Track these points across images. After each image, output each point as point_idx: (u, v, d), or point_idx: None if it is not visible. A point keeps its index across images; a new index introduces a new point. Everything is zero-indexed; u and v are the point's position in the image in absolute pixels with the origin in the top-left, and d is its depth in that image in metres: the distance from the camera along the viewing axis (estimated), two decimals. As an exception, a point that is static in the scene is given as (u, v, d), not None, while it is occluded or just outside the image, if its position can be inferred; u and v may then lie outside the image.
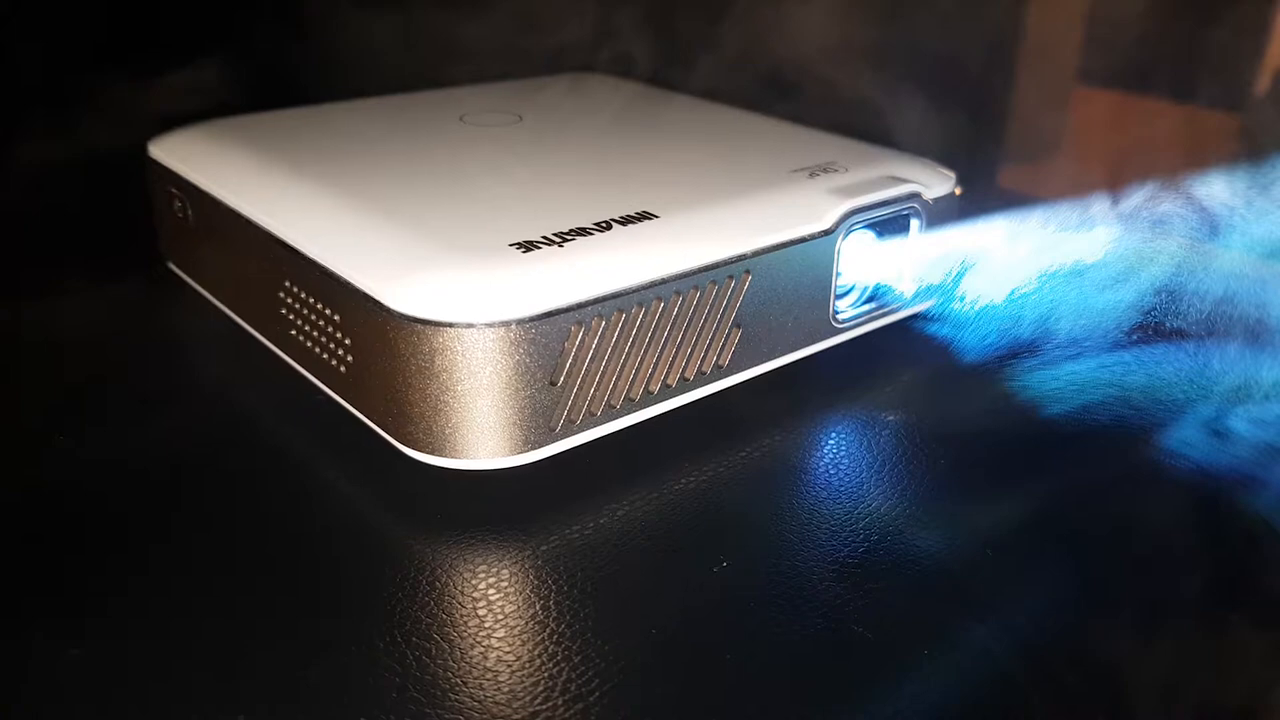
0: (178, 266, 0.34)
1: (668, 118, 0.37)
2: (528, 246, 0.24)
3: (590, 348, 0.24)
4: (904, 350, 0.32)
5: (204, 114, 0.34)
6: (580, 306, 0.24)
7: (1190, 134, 0.42)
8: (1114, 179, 0.32)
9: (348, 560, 0.23)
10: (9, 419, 0.27)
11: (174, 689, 0.19)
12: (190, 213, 0.31)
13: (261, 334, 0.29)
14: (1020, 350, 0.31)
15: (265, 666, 0.20)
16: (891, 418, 0.28)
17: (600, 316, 0.24)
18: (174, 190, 0.32)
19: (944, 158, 0.33)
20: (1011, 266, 0.32)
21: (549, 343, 0.23)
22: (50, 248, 0.38)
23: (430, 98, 0.38)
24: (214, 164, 0.31)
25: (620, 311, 0.24)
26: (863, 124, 0.36)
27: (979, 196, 0.34)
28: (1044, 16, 0.46)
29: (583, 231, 0.25)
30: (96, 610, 0.21)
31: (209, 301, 0.32)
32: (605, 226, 0.26)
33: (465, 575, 0.22)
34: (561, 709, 0.19)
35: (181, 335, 0.33)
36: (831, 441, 0.27)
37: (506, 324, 0.23)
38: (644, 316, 0.25)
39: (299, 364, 0.28)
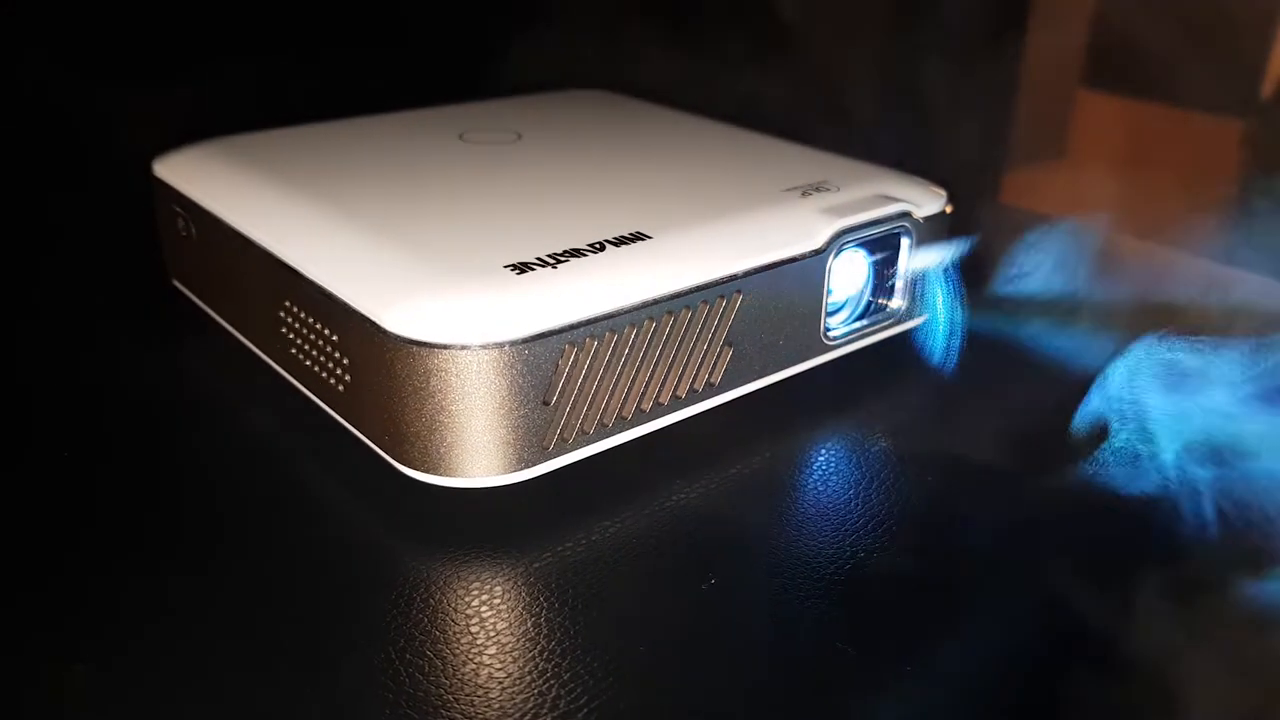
0: (182, 283, 0.34)
1: (665, 135, 0.37)
2: (522, 268, 0.25)
3: (583, 367, 0.24)
4: (894, 366, 0.32)
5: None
6: (573, 328, 0.24)
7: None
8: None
9: (342, 576, 0.23)
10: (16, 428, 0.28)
11: (162, 699, 0.20)
12: (193, 231, 0.32)
13: (263, 351, 0.30)
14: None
15: (259, 680, 0.20)
16: (879, 435, 0.29)
17: (593, 337, 0.24)
18: (178, 209, 0.32)
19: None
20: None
21: (542, 363, 0.24)
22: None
23: (432, 115, 0.38)
24: (216, 183, 0.31)
25: (612, 332, 0.25)
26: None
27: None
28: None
29: (577, 253, 0.26)
30: (92, 615, 0.22)
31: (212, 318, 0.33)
32: (599, 247, 0.26)
33: (459, 592, 0.23)
34: (550, 725, 0.19)
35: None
36: (820, 459, 0.28)
37: (500, 345, 0.23)
38: (636, 336, 0.25)
39: (299, 381, 0.28)
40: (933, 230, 0.32)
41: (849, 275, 0.30)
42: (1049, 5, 0.47)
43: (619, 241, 0.27)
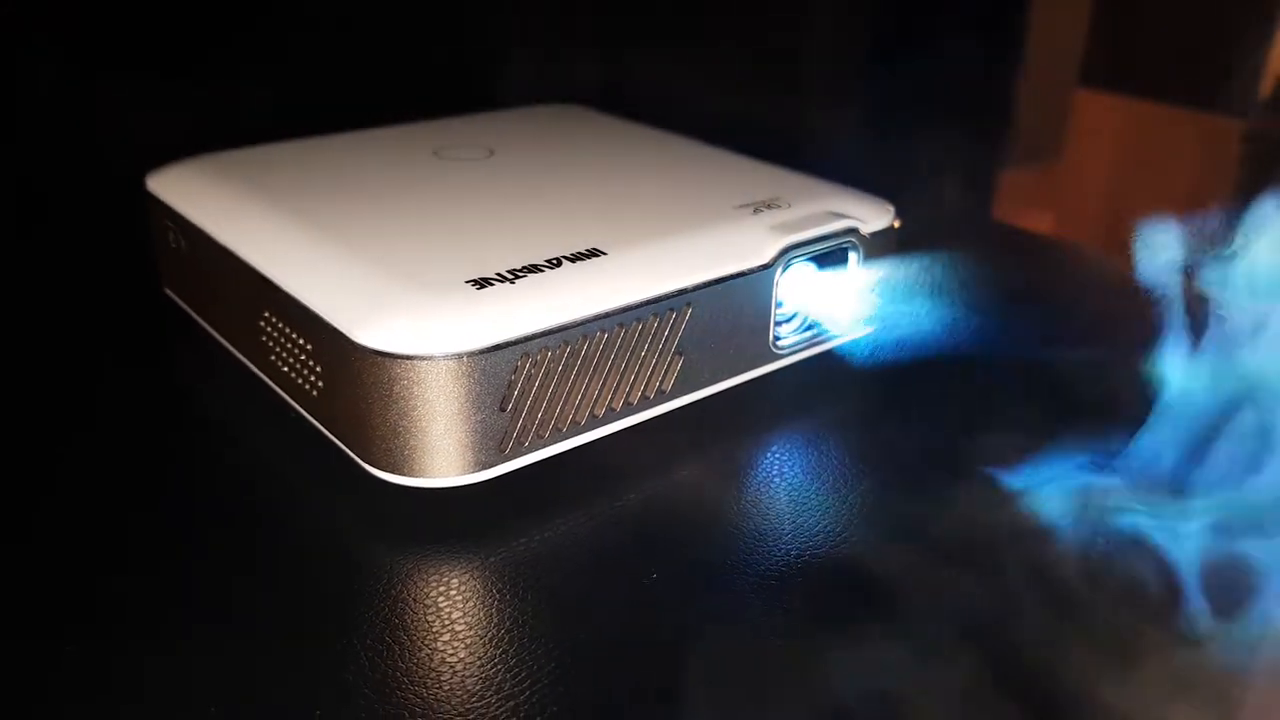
0: (172, 291, 0.36)
1: (632, 152, 0.39)
2: (482, 283, 0.27)
3: (538, 377, 0.26)
4: (842, 373, 0.34)
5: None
6: (527, 339, 0.26)
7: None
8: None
9: (310, 568, 0.25)
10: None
11: (125, 683, 0.22)
12: (182, 243, 0.34)
13: (245, 357, 0.32)
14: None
15: (234, 665, 0.22)
16: (822, 439, 0.31)
17: (546, 348, 0.26)
18: (168, 223, 0.34)
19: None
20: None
21: (499, 372, 0.26)
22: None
23: (411, 131, 0.40)
24: (201, 199, 0.33)
25: (565, 343, 0.27)
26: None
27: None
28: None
29: (534, 268, 0.28)
30: (78, 600, 0.24)
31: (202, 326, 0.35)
32: (556, 263, 0.28)
33: (418, 583, 0.24)
34: (495, 705, 0.21)
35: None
36: (763, 463, 0.29)
37: (459, 356, 0.25)
38: (588, 347, 0.27)
39: (277, 386, 0.30)
40: (880, 244, 0.33)
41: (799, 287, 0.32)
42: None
43: (575, 258, 0.28)
